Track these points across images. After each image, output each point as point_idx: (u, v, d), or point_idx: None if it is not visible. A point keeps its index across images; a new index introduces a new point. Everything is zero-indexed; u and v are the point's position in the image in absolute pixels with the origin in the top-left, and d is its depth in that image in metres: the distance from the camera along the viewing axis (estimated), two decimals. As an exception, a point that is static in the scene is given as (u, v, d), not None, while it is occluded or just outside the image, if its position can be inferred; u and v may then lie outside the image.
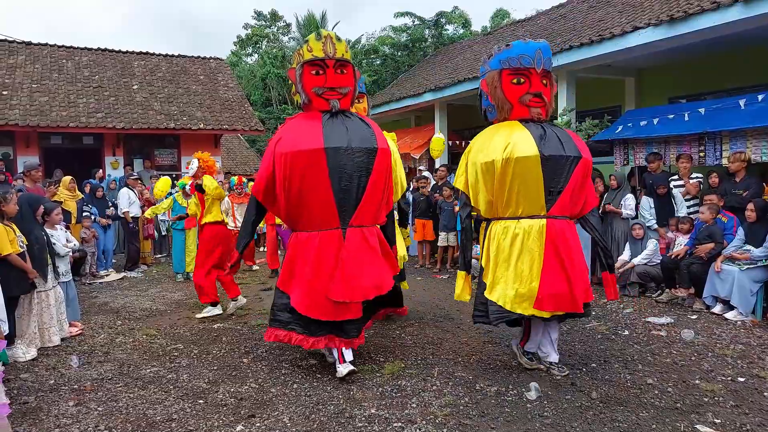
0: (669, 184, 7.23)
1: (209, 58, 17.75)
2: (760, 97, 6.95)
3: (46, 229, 5.56)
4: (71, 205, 8.52)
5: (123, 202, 9.63)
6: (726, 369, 4.42)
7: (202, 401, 3.97)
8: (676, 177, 7.46)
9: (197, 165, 6.36)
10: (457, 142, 12.36)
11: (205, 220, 6.34)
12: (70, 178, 8.76)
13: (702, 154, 7.47)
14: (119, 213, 9.62)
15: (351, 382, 4.23)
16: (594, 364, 4.57)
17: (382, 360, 4.73)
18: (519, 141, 4.10)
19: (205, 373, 4.53)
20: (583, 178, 4.30)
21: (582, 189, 4.33)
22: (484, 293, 4.27)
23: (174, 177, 10.09)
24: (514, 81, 4.27)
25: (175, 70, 16.39)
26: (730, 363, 4.55)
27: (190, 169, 6.44)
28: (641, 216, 7.30)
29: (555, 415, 3.63)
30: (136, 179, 10.50)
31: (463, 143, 11.37)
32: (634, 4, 9.52)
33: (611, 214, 7.54)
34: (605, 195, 7.74)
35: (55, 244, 5.63)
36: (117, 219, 9.78)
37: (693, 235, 6.51)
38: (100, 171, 11.69)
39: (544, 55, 4.28)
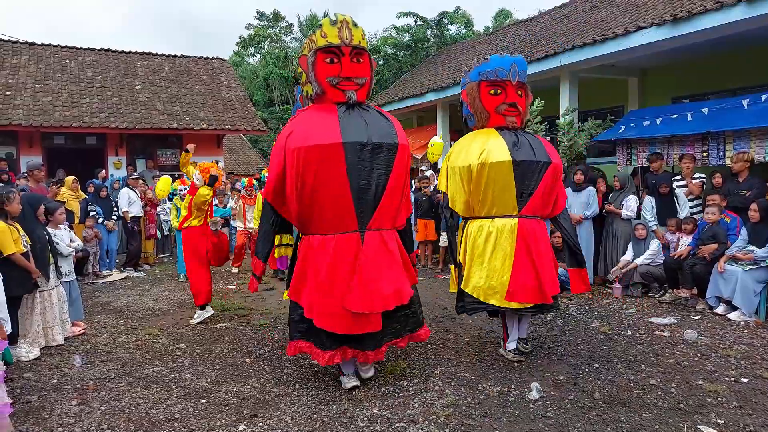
0: (672, 184, 7.22)
1: (212, 59, 17.76)
2: (763, 97, 6.94)
3: (50, 229, 5.58)
4: (74, 205, 8.53)
5: (123, 202, 9.66)
6: (729, 369, 4.41)
7: (204, 401, 3.98)
8: (679, 177, 7.44)
9: (199, 175, 6.32)
10: (460, 142, 12.33)
11: (188, 224, 6.31)
12: (73, 178, 8.77)
13: (705, 154, 7.45)
14: (119, 213, 9.65)
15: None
16: (597, 365, 4.56)
17: (384, 360, 4.71)
18: (493, 148, 4.44)
19: (208, 373, 4.54)
20: (553, 182, 4.61)
21: (552, 191, 4.64)
22: (461, 285, 4.65)
23: (175, 177, 10.05)
24: (492, 92, 4.64)
25: (178, 70, 16.42)
26: (733, 363, 4.54)
27: (197, 180, 6.39)
28: (643, 217, 7.29)
29: (558, 416, 3.63)
30: (136, 179, 10.51)
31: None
32: (637, 4, 9.49)
33: (612, 215, 7.52)
34: (609, 195, 7.72)
35: (59, 244, 5.66)
36: (118, 219, 9.80)
37: (696, 236, 6.49)
38: (103, 171, 11.75)
39: (519, 68, 4.64)
